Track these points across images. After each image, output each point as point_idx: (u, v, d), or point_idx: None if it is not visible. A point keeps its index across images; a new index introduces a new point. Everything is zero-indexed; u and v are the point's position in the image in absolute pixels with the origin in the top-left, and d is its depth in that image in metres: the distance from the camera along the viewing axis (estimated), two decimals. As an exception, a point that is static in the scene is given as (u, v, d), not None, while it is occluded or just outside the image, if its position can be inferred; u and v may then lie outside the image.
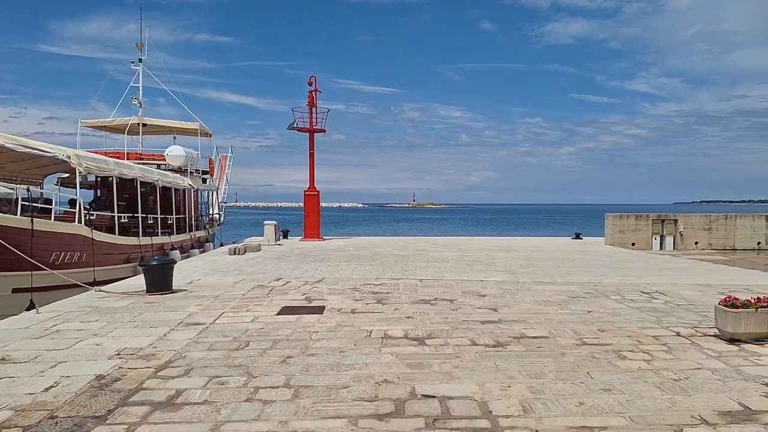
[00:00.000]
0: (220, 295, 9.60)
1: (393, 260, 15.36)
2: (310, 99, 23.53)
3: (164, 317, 7.81)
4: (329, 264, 14.43)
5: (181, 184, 19.99)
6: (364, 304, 8.67)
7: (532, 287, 10.41)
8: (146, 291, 9.87)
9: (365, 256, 16.76)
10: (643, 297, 9.33)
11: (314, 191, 23.69)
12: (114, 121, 22.04)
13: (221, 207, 26.62)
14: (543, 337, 6.53)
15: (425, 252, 18.05)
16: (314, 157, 23.89)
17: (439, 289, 10.10)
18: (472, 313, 7.96)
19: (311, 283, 10.95)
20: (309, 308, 8.32)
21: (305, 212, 23.63)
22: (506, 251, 18.45)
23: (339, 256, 16.74)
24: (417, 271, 12.98)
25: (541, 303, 8.75)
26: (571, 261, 15.33)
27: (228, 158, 27.45)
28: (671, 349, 6.02)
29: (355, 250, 18.72)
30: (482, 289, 10.20)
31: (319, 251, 18.40)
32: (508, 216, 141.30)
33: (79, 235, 12.67)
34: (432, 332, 6.79)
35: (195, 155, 21.94)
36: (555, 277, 11.95)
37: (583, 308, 8.32)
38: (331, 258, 16.03)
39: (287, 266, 13.88)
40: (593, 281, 11.29)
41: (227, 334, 6.81)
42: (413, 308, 8.31)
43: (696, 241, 21.40)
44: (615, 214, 21.72)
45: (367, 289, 10.18)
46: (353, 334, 6.72)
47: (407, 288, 10.28)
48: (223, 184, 26.87)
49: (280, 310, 8.22)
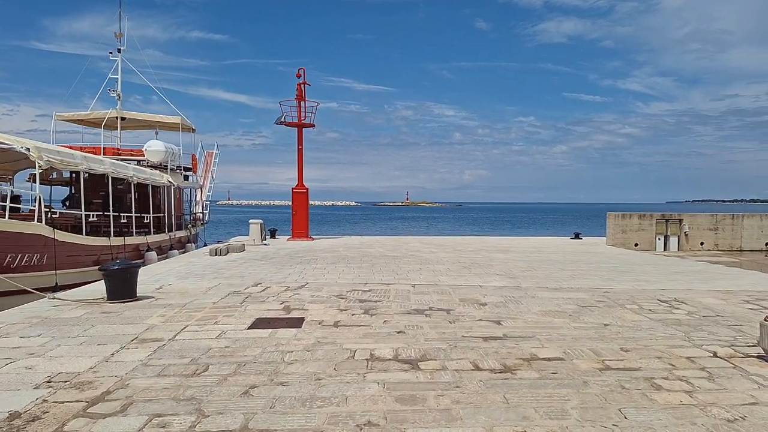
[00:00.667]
0: (188, 303, 8.54)
1: (384, 262, 14.35)
2: (298, 92, 22.45)
3: (118, 331, 6.76)
4: (315, 266, 13.39)
5: (160, 180, 18.86)
6: (350, 315, 7.65)
7: (537, 294, 9.41)
8: (107, 299, 8.82)
9: (355, 257, 15.73)
10: (662, 306, 8.34)
11: (303, 189, 22.62)
12: (91, 115, 20.88)
13: (206, 205, 25.46)
14: (558, 359, 5.53)
15: (419, 253, 17.04)
16: (303, 153, 22.85)
17: (434, 297, 9.09)
18: (472, 326, 6.95)
19: (293, 289, 9.90)
20: (286, 320, 7.29)
21: (293, 211, 22.56)
22: (504, 252, 17.47)
23: (327, 257, 15.70)
24: (410, 274, 11.96)
25: (550, 314, 7.76)
26: (574, 263, 14.36)
27: (214, 155, 26.30)
28: (713, 376, 5.03)
29: (344, 251, 17.69)
30: (482, 296, 9.19)
31: (306, 252, 17.35)
32: (502, 214, 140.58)
33: (38, 236, 11.58)
34: (427, 352, 5.78)
35: (176, 151, 20.82)
36: (560, 282, 10.97)
37: (597, 321, 7.33)
38: (318, 260, 14.99)
39: (269, 269, 12.84)
40: (602, 287, 10.31)
41: (185, 354, 5.77)
42: (405, 320, 7.29)
43: (702, 241, 20.50)
44: (617, 214, 20.78)
45: (354, 296, 9.15)
46: (334, 355, 5.69)
47: (399, 295, 9.26)
48: (208, 181, 25.72)
49: (252, 322, 7.18)
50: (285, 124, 22.57)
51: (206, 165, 25.84)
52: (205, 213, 25.22)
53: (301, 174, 22.79)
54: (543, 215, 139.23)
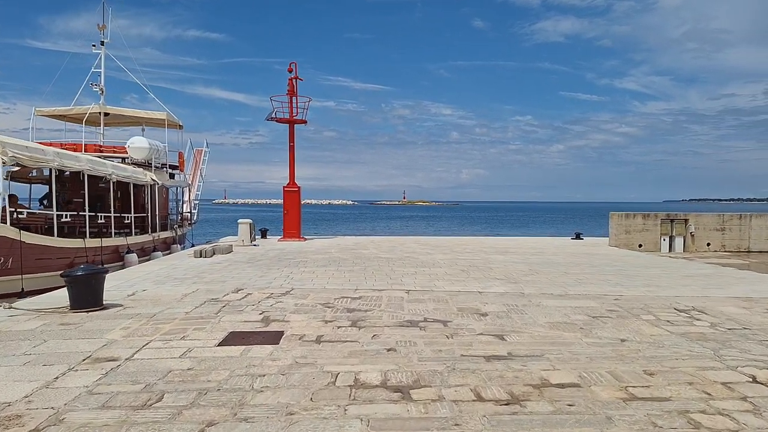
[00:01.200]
0: (158, 313, 7.73)
1: (377, 265, 13.55)
2: (290, 87, 21.64)
3: (71, 348, 5.95)
4: (304, 269, 12.59)
5: (143, 179, 18.00)
6: (335, 327, 6.85)
7: (542, 302, 8.62)
8: (70, 307, 8.01)
9: (347, 259, 14.93)
10: (681, 317, 7.57)
11: (294, 187, 21.81)
12: (72, 110, 19.98)
13: (195, 205, 24.59)
14: (573, 386, 4.74)
15: (414, 255, 16.25)
16: (294, 150, 22.03)
17: (430, 305, 8.30)
18: (472, 342, 6.16)
19: (276, 296, 9.10)
20: (263, 335, 6.48)
21: (284, 210, 21.76)
22: (503, 254, 16.69)
23: (317, 259, 14.90)
24: (404, 279, 11.17)
25: (558, 326, 6.97)
26: (577, 266, 13.59)
27: (203, 153, 25.43)
28: (759, 409, 4.25)
29: (337, 252, 16.89)
30: (482, 304, 8.40)
31: (296, 253, 16.55)
32: (500, 214, 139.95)
33: (1, 237, 10.74)
34: (420, 376, 4.99)
35: (161, 148, 19.96)
36: (565, 287, 10.19)
37: (612, 335, 6.55)
38: (308, 262, 14.19)
39: (254, 273, 12.03)
40: (611, 293, 9.54)
41: (140, 378, 4.96)
42: (397, 334, 6.50)
43: (708, 242, 19.76)
44: (620, 213, 20.03)
45: (342, 304, 8.36)
46: (312, 380, 4.90)
47: (391, 303, 8.47)
48: (197, 180, 24.86)
49: (224, 337, 6.38)
50: (276, 120, 21.76)
51: (195, 163, 24.99)
52: (193, 213, 24.37)
53: (293, 172, 21.99)
54: (540, 214, 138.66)
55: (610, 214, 20.39)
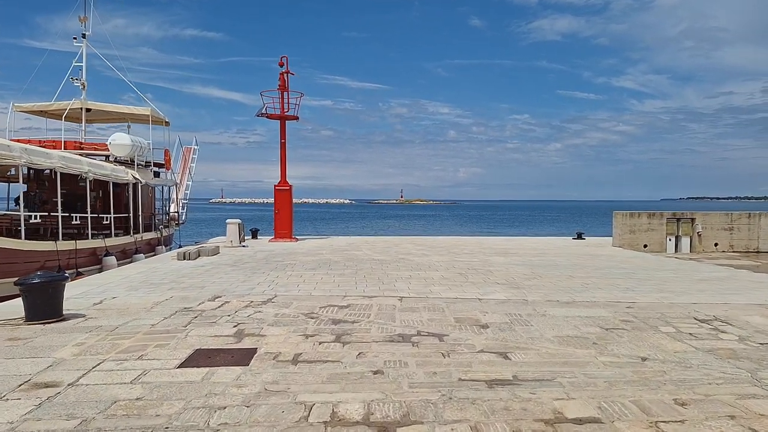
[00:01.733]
0: (122, 326, 6.94)
1: (370, 268, 12.76)
2: (281, 82, 20.83)
3: (10, 370, 5.16)
4: (291, 273, 11.80)
5: (124, 177, 17.15)
6: (316, 343, 6.06)
7: (549, 311, 7.85)
8: (25, 318, 7.21)
9: (338, 261, 14.14)
10: (705, 329, 6.80)
11: (286, 186, 21.00)
12: (52, 105, 19.13)
13: (183, 204, 23.74)
14: (593, 421, 3.96)
15: (410, 256, 15.46)
16: (286, 148, 21.22)
17: (425, 315, 7.51)
18: (471, 362, 5.38)
19: (256, 304, 8.30)
20: (233, 353, 5.69)
21: (275, 209, 20.95)
22: (503, 255, 15.91)
23: (307, 261, 14.10)
24: (398, 283, 10.39)
25: (569, 341, 6.19)
26: (582, 269, 12.81)
27: (193, 151, 24.58)
28: (823, 454, 3.47)
29: (328, 254, 16.09)
30: (482, 314, 7.62)
31: (286, 255, 15.75)
32: (498, 212, 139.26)
33: (-40, 240, 9.95)
34: (411, 408, 4.20)
35: (145, 145, 19.09)
36: (572, 293, 9.41)
37: (631, 352, 5.77)
38: (297, 265, 13.39)
39: (238, 277, 11.23)
40: (623, 300, 8.77)
41: (77, 411, 4.17)
42: (386, 352, 5.71)
43: (716, 242, 19.00)
44: (625, 213, 19.26)
45: (328, 314, 7.57)
46: (281, 414, 4.11)
47: (382, 312, 7.68)
48: (185, 179, 24.01)
49: (188, 356, 5.58)
50: (266, 116, 20.95)
51: (184, 161, 24.15)
52: (182, 212, 23.53)
53: (284, 170, 21.17)
54: (538, 213, 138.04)
55: (614, 214, 19.63)
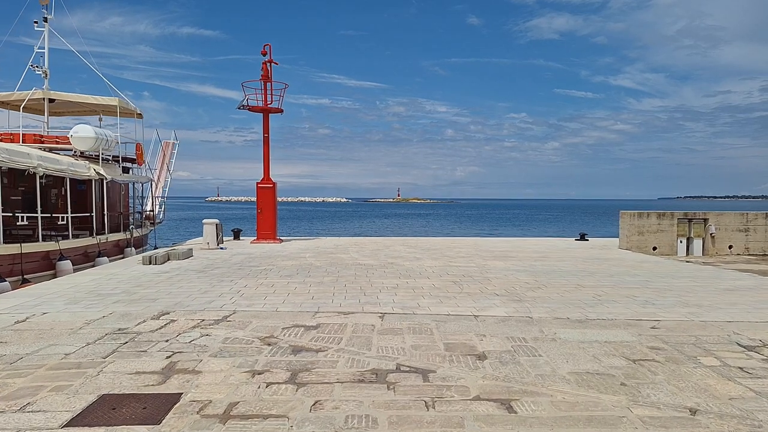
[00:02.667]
0: (31, 354, 5.56)
1: (354, 274, 11.39)
2: (264, 72, 19.41)
3: None
4: (263, 281, 10.41)
5: (84, 172, 15.69)
6: (262, 386, 4.68)
7: (559, 333, 6.48)
8: None
9: (320, 266, 12.75)
10: (757, 361, 5.43)
11: (269, 183, 19.59)
12: (12, 95, 17.66)
13: (161, 202, 22.24)
14: None
15: (400, 260, 14.09)
16: (269, 142, 19.79)
17: (408, 340, 6.14)
18: (464, 418, 4.01)
19: (207, 324, 6.91)
20: (147, 402, 4.30)
21: (258, 209, 19.54)
22: (502, 259, 14.54)
23: (286, 267, 12.72)
24: (381, 295, 9.01)
25: (590, 381, 4.82)
26: (591, 276, 11.46)
27: (172, 146, 23.10)
28: None
29: (311, 257, 14.71)
30: (478, 338, 6.25)
31: (264, 259, 14.36)
32: (495, 211, 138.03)
33: None
34: None
35: (111, 138, 17.64)
36: (583, 308, 8.05)
37: (674, 400, 4.40)
38: (273, 270, 12.01)
39: (200, 286, 9.84)
40: (644, 317, 7.41)
41: None
42: (351, 400, 4.34)
43: (730, 244, 17.69)
44: (632, 213, 17.92)
45: (290, 338, 6.18)
46: None
47: (356, 336, 6.30)
48: (164, 175, 22.53)
49: (87, 406, 4.20)
50: (248, 108, 19.53)
51: (162, 157, 22.68)
52: (159, 211, 22.03)
53: (267, 166, 19.75)
54: (536, 212, 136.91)
55: (621, 214, 18.29)
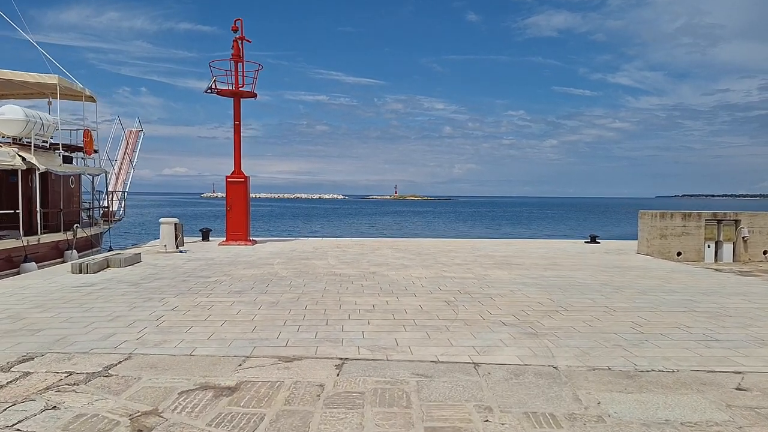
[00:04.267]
0: None
1: (323, 290, 9.10)
2: (235, 51, 17.07)
3: None
4: (202, 300, 8.12)
5: (7, 161, 13.37)
6: None
7: (605, 404, 4.19)
8: None
9: (285, 277, 10.47)
10: None
11: (240, 177, 17.27)
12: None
13: (121, 197, 19.78)
14: None
15: (384, 268, 11.81)
16: (240, 130, 17.46)
17: (370, 419, 3.85)
18: None
19: (71, 382, 4.62)
20: None
21: (227, 206, 17.22)
22: (506, 267, 12.27)
23: (243, 278, 10.43)
24: (349, 324, 6.73)
25: None
26: (618, 292, 9.19)
27: (137, 135, 20.69)
28: None
29: (280, 264, 12.42)
30: (481, 415, 3.96)
31: (223, 266, 12.07)
32: (493, 209, 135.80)
33: None
34: None
35: (49, 122, 15.29)
36: (624, 347, 5.78)
37: None
38: (224, 283, 9.72)
39: (117, 308, 7.54)
40: (717, 365, 5.15)
41: None
42: None
43: (765, 249, 15.43)
44: (654, 213, 15.64)
45: (179, 418, 3.89)
46: None
47: (286, 415, 4.01)
48: (125, 167, 20.12)
49: None
50: (216, 92, 17.20)
51: (126, 147, 20.31)
52: (119, 207, 19.58)
53: (239, 158, 17.44)
54: (534, 210, 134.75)
55: (640, 214, 16.03)
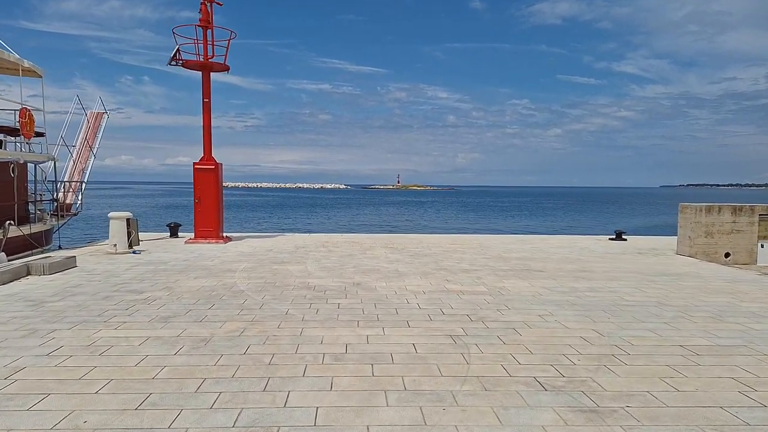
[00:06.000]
0: None
1: (283, 315, 6.70)
2: (203, 15, 14.55)
3: None
4: (106, 334, 5.72)
5: None
6: None
7: None
8: None
9: (242, 292, 8.06)
10: None
11: (210, 164, 14.83)
12: None
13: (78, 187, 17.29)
14: None
15: (373, 277, 9.39)
16: (210, 109, 14.99)
17: None
18: None
19: None
20: None
21: (195, 198, 14.80)
22: (525, 277, 9.85)
23: (188, 291, 8.03)
24: (298, 391, 4.33)
25: None
26: (684, 317, 6.77)
27: (99, 118, 18.18)
28: None
29: (243, 272, 10.02)
30: None
31: (172, 273, 9.67)
32: (498, 199, 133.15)
33: None
34: None
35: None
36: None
37: None
38: (159, 302, 7.32)
39: (-33, 352, 5.16)
40: None
41: None
42: None
43: (832, 251, 12.97)
44: (698, 207, 13.16)
45: None
46: None
47: None
48: (85, 154, 17.62)
49: None
50: (182, 63, 14.71)
51: (88, 130, 17.83)
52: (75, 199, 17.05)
53: (209, 142, 14.97)
54: (540, 200, 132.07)
55: (681, 208, 13.57)
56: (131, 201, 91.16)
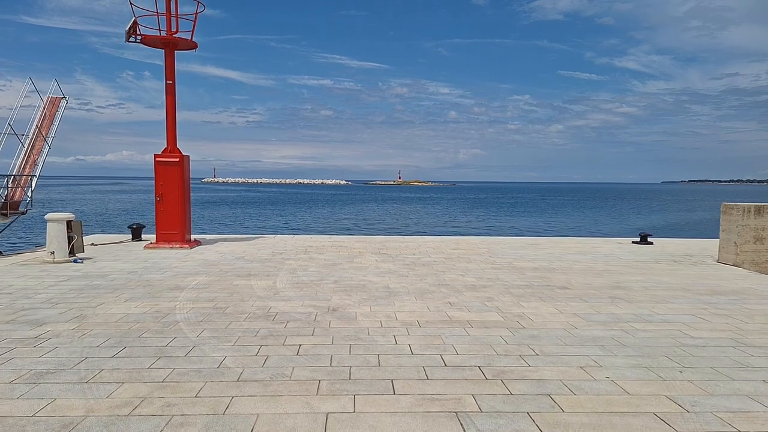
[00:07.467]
0: None
1: (211, 371, 4.70)
2: (166, -17, 12.52)
3: None
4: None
5: None
6: None
7: None
8: None
9: (174, 327, 6.06)
10: None
11: (174, 156, 12.81)
12: None
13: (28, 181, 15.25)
14: None
15: (354, 300, 7.39)
16: (175, 93, 12.96)
17: None
18: None
19: None
20: None
21: (156, 194, 12.79)
22: (547, 295, 7.85)
23: (101, 325, 6.04)
24: None
25: None
26: None
27: (57, 104, 16.18)
28: None
29: (190, 291, 8.03)
30: None
31: (103, 293, 7.68)
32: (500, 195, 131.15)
33: None
34: None
35: None
36: None
37: None
38: (50, 343, 5.31)
39: None
40: None
41: None
42: None
43: None
44: (744, 206, 11.13)
45: None
46: None
47: None
48: (39, 145, 15.61)
49: None
50: (140, 39, 12.68)
51: (43, 119, 15.84)
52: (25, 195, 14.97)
53: (173, 131, 12.95)
54: (543, 196, 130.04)
55: (724, 207, 11.55)
56: (126, 197, 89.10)
